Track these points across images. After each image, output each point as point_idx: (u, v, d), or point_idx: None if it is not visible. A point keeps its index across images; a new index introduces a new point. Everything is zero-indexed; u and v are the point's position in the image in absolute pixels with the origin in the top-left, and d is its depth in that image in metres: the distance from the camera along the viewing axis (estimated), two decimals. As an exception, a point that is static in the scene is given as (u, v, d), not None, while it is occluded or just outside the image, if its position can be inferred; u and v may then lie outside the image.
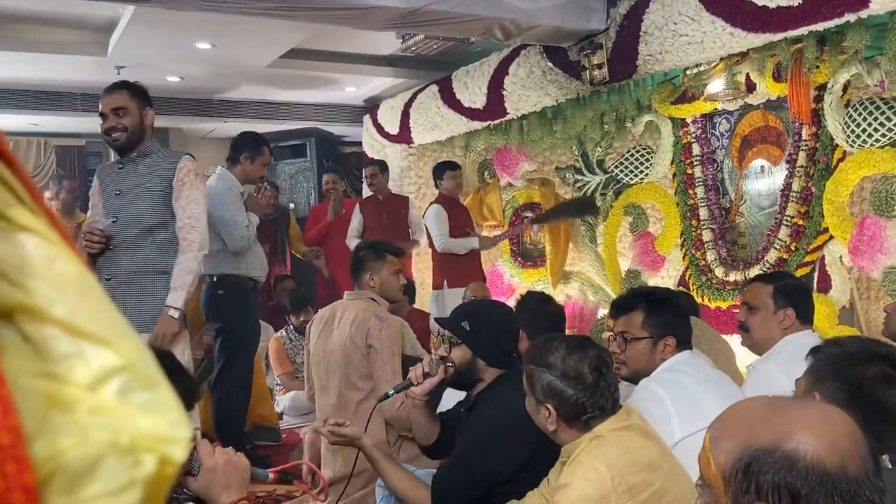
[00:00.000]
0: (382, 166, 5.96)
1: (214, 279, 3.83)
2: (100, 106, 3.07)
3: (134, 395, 0.46)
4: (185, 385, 1.47)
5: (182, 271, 2.90)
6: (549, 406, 1.69)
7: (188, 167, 2.98)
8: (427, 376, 2.24)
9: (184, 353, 2.95)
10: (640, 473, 1.56)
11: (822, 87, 4.07)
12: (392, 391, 2.33)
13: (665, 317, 2.12)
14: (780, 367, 2.12)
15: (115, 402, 0.45)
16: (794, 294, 2.42)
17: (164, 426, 0.46)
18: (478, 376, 2.27)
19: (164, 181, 2.96)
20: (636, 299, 2.22)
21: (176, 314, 2.86)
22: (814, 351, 1.52)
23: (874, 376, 1.38)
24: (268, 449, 4.37)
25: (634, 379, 2.18)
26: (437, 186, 5.75)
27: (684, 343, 2.15)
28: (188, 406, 1.48)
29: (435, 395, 2.46)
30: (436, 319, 2.59)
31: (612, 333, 2.24)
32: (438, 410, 2.60)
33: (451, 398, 2.67)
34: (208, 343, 4.14)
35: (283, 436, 4.65)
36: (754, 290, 2.48)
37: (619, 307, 2.23)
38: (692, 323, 2.31)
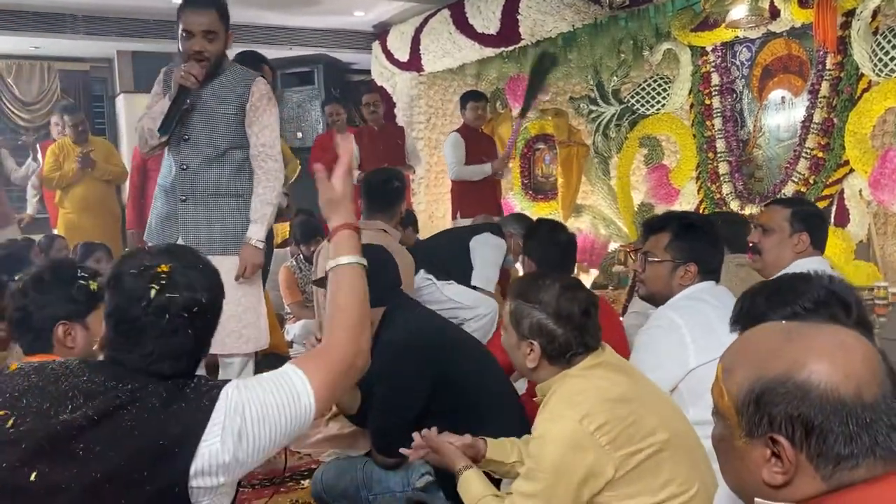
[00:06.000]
0: (382, 96, 5.85)
1: None
2: (186, 20, 2.74)
3: None
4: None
5: (262, 203, 2.83)
6: (534, 343, 1.65)
7: (261, 91, 2.83)
8: None
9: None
10: (610, 410, 1.51)
11: (849, 14, 3.92)
12: None
13: (691, 243, 2.06)
14: None
15: None
16: (811, 219, 2.40)
17: None
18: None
19: (238, 104, 2.82)
20: (667, 220, 2.16)
21: (260, 245, 2.82)
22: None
23: None
24: (278, 376, 4.42)
25: (652, 300, 2.16)
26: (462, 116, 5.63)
27: (709, 273, 2.09)
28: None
29: None
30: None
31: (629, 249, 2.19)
32: None
33: None
34: None
35: (294, 363, 4.69)
36: (771, 213, 2.46)
37: (649, 227, 2.19)
38: None
